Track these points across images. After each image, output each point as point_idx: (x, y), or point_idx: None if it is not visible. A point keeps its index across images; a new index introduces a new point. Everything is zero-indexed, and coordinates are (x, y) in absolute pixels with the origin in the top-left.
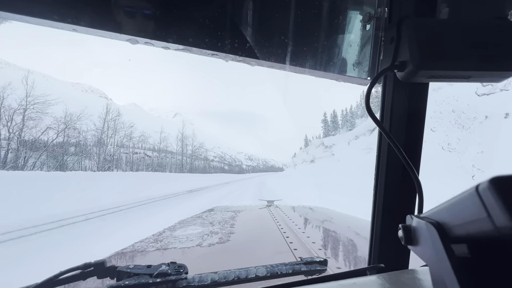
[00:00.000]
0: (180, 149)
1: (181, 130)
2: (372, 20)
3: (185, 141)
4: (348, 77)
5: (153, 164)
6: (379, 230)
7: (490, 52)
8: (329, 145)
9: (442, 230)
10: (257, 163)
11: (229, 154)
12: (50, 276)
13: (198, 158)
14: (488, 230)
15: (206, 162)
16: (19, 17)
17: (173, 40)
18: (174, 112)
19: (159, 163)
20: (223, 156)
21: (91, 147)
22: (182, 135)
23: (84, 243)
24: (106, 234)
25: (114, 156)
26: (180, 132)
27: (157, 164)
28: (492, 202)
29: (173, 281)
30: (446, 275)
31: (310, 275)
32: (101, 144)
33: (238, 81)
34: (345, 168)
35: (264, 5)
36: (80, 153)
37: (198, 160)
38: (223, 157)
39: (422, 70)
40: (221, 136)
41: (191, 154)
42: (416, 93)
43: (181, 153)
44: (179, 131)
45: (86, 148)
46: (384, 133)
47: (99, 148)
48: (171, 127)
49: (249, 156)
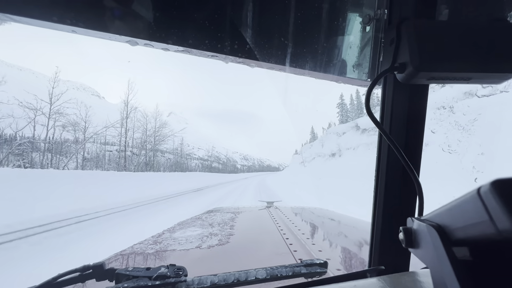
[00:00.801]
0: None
1: (176, 128)
2: (372, 21)
3: (175, 138)
4: (348, 79)
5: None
6: (379, 232)
7: (490, 53)
8: (365, 128)
9: (443, 233)
10: (252, 162)
11: (224, 153)
12: (48, 279)
13: (190, 157)
14: (490, 233)
15: (200, 161)
16: (19, 19)
17: (173, 41)
18: (168, 111)
19: (144, 162)
20: (217, 155)
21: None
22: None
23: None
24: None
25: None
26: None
27: (143, 163)
28: (494, 205)
29: (172, 284)
30: (447, 278)
31: (310, 277)
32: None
33: (235, 81)
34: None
35: (264, 7)
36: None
37: (190, 160)
38: (218, 157)
39: (422, 72)
40: (216, 136)
41: (180, 152)
42: (416, 95)
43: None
44: (170, 130)
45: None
46: (384, 134)
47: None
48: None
49: (244, 156)
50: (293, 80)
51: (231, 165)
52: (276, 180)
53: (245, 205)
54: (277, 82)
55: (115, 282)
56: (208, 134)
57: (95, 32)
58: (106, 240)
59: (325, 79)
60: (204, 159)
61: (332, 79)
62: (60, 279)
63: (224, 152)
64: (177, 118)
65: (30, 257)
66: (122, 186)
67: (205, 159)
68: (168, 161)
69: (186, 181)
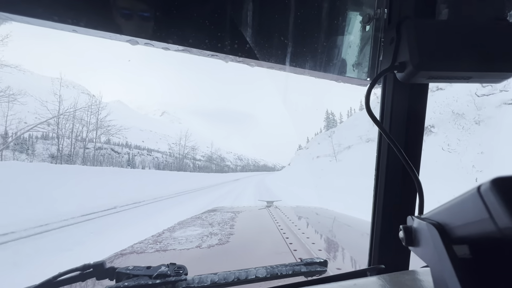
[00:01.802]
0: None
1: (168, 128)
2: (372, 21)
3: (170, 139)
4: (348, 78)
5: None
6: (379, 231)
7: (490, 53)
8: None
9: (443, 231)
10: (247, 162)
11: (218, 153)
12: (48, 278)
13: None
14: (490, 231)
15: (193, 161)
16: (19, 18)
17: (173, 41)
18: (162, 110)
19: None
20: (210, 156)
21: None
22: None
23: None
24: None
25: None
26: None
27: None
28: (494, 203)
29: (172, 282)
30: (447, 276)
31: (310, 276)
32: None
33: (230, 80)
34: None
35: (264, 6)
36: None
37: (186, 159)
38: (211, 157)
39: (422, 71)
40: (210, 135)
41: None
42: (415, 94)
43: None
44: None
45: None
46: (384, 133)
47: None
48: (158, 125)
49: (239, 156)
50: (293, 79)
51: (217, 163)
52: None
53: (245, 205)
54: (276, 81)
55: (115, 281)
56: (202, 134)
57: (96, 32)
58: None
59: (325, 79)
60: (204, 160)
61: (332, 79)
62: (60, 277)
63: (218, 152)
64: (170, 117)
65: None
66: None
67: (205, 160)
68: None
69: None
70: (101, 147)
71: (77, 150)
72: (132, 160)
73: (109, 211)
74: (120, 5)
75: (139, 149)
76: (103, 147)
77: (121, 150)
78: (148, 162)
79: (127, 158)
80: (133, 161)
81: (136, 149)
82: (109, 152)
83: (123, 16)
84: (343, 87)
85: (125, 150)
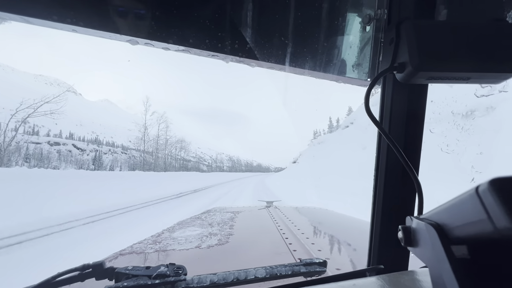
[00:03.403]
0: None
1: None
2: (372, 21)
3: (159, 140)
4: (347, 78)
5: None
6: (378, 231)
7: (489, 53)
8: None
9: (442, 232)
10: (239, 163)
11: (209, 154)
12: (47, 278)
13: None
14: (488, 231)
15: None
16: (19, 18)
17: (173, 41)
18: (152, 110)
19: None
20: (202, 156)
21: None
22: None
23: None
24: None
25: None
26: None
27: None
28: (492, 203)
29: (172, 283)
30: (446, 277)
31: (310, 276)
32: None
33: (224, 81)
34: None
35: (265, 7)
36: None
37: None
38: (203, 158)
39: (421, 72)
40: (202, 136)
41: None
42: (415, 94)
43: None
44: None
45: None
46: (384, 134)
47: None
48: (148, 126)
49: (230, 157)
50: (293, 79)
51: (216, 166)
52: None
53: (245, 205)
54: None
55: (114, 281)
56: (193, 134)
57: (96, 32)
58: None
59: (325, 79)
60: (195, 161)
61: (332, 79)
62: (59, 278)
63: (210, 153)
64: (160, 118)
65: None
66: None
67: (196, 161)
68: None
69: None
70: (59, 142)
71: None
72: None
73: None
74: (119, 5)
75: (124, 148)
76: (61, 142)
77: (86, 147)
78: (122, 161)
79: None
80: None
81: (119, 148)
82: (69, 149)
83: (123, 16)
84: (343, 87)
85: (105, 149)
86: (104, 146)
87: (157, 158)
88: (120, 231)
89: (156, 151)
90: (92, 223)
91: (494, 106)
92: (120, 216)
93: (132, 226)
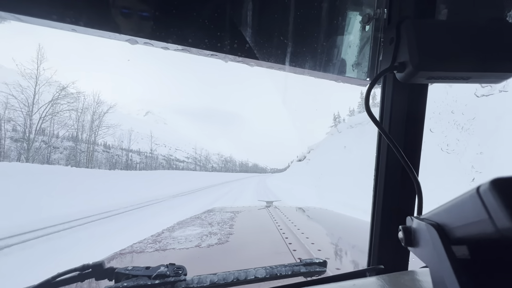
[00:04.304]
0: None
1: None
2: (372, 21)
3: (154, 140)
4: (347, 78)
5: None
6: (378, 231)
7: (489, 53)
8: None
9: (442, 232)
10: (233, 163)
11: (203, 155)
12: (47, 278)
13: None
14: (489, 231)
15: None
16: (19, 17)
17: (173, 40)
18: (146, 110)
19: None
20: (196, 157)
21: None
22: None
23: None
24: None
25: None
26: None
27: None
28: (493, 203)
29: (172, 283)
30: (446, 277)
31: (310, 276)
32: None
33: (219, 80)
34: None
35: (264, 6)
36: None
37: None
38: (196, 158)
39: (422, 71)
40: (196, 136)
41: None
42: (415, 94)
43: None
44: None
45: None
46: (384, 134)
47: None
48: (142, 125)
49: (226, 157)
50: (293, 79)
51: (210, 166)
52: None
53: (245, 205)
54: (275, 81)
55: (114, 281)
56: (188, 135)
57: (95, 31)
58: None
59: (324, 78)
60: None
61: (332, 79)
62: (59, 278)
63: (203, 153)
64: (154, 117)
65: None
66: None
67: (189, 162)
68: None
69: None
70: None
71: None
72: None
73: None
74: (119, 4)
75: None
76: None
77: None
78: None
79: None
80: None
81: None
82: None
83: (122, 15)
84: (343, 87)
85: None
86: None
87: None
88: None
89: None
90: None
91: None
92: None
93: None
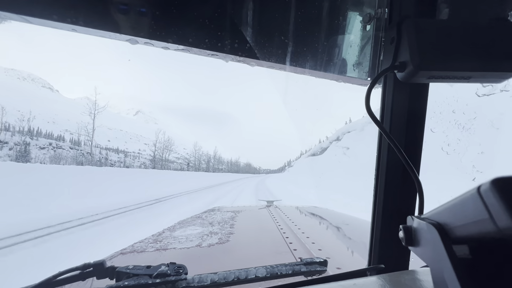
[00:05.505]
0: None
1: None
2: (372, 20)
3: (143, 140)
4: (348, 78)
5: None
6: (379, 231)
7: (490, 52)
8: None
9: (443, 231)
10: (227, 164)
11: (195, 155)
12: (48, 277)
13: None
14: (489, 231)
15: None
16: (19, 17)
17: (173, 40)
18: (136, 109)
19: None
20: (187, 157)
21: None
22: None
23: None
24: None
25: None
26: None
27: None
28: (494, 203)
29: (172, 282)
30: (447, 276)
31: (310, 275)
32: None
33: (214, 80)
34: None
35: (264, 6)
36: None
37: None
38: (188, 158)
39: (422, 71)
40: (189, 136)
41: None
42: (416, 94)
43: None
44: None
45: None
46: (384, 133)
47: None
48: (131, 125)
49: (218, 158)
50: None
51: (202, 167)
52: None
53: (245, 204)
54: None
55: (115, 280)
56: (179, 135)
57: (95, 31)
58: None
59: (325, 78)
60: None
61: (333, 78)
62: (60, 277)
63: (196, 154)
64: (145, 117)
65: None
66: None
67: (181, 162)
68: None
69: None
70: None
71: None
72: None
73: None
74: (119, 4)
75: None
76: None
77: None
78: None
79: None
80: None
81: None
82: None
83: (123, 15)
84: (343, 86)
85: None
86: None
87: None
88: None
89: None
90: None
91: (495, 106)
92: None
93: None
